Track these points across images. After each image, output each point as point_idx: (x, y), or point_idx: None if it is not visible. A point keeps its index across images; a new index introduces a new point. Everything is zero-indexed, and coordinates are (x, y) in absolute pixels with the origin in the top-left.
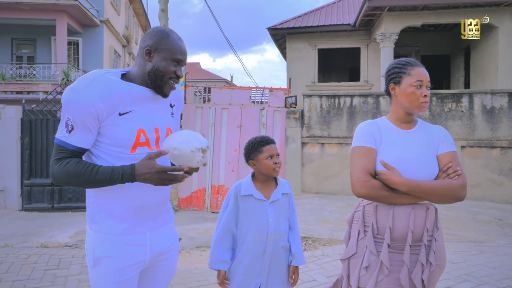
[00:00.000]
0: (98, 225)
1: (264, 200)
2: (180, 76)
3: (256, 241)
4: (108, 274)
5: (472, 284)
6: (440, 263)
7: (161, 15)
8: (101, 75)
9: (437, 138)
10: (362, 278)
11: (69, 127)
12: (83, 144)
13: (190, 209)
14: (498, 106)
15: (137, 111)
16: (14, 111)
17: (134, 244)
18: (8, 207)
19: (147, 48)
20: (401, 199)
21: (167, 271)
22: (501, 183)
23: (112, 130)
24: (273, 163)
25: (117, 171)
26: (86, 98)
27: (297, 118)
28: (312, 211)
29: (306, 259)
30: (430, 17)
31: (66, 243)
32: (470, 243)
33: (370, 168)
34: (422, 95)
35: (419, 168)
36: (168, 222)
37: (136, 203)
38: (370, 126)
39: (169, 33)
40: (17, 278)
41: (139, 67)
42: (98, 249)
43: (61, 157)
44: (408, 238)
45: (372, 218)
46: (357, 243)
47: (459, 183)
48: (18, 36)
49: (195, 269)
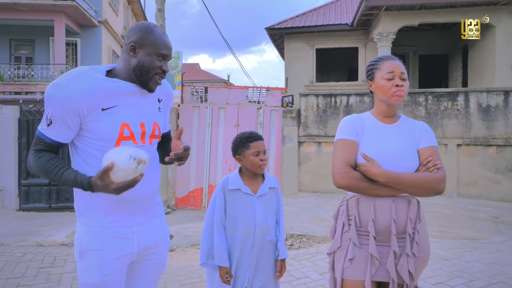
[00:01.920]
0: (85, 217)
1: (252, 194)
2: (166, 71)
3: (244, 235)
4: (94, 266)
5: (464, 280)
6: (423, 255)
7: (158, 15)
8: (84, 71)
9: (418, 133)
10: (346, 270)
11: (48, 121)
12: (60, 139)
13: (188, 209)
14: (494, 104)
15: (121, 106)
16: (11, 111)
17: (121, 237)
18: (5, 207)
19: (132, 44)
20: (381, 191)
21: (156, 265)
22: (497, 181)
23: (96, 125)
24: (259, 160)
25: (79, 180)
26: (67, 95)
27: (294, 117)
28: (308, 210)
29: (300, 256)
30: (428, 17)
31: (63, 242)
32: (464, 240)
33: (351, 160)
34: (393, 85)
35: (399, 160)
36: (157, 216)
37: (123, 196)
38: (353, 119)
39: (153, 28)
40: (11, 276)
41: (124, 62)
42: (85, 242)
43: (38, 149)
44: (392, 228)
45: (354, 211)
46: (342, 236)
47: (438, 176)
48: (16, 36)
49: (189, 267)
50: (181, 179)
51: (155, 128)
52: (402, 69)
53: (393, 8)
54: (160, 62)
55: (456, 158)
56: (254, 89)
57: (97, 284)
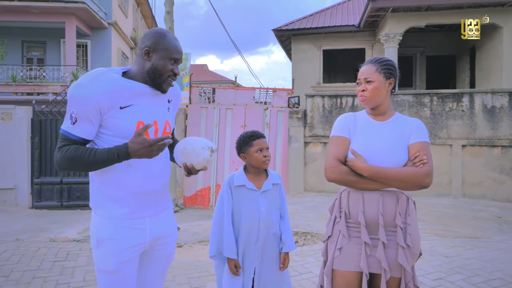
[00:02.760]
0: (101, 209)
1: (256, 190)
2: (177, 74)
3: (249, 229)
4: (110, 254)
5: (463, 276)
6: (413, 249)
7: (167, 18)
8: (103, 72)
9: (409, 129)
10: (336, 259)
11: (73, 119)
12: (85, 135)
13: (195, 207)
14: (499, 105)
15: (137, 105)
16: (24, 111)
17: (135, 228)
18: (18, 205)
19: (146, 48)
20: (368, 185)
21: (166, 255)
22: (502, 182)
23: (114, 123)
24: (262, 156)
25: (112, 151)
26: (89, 93)
27: (300, 118)
28: (313, 208)
29: (305, 253)
30: (434, 18)
31: (75, 238)
32: (465, 239)
33: (341, 155)
34: (360, 90)
35: (387, 156)
36: (167, 209)
37: (136, 189)
38: (346, 117)
39: (165, 34)
40: (27, 269)
41: (138, 65)
42: (101, 231)
43: (62, 145)
44: (380, 220)
45: (345, 204)
46: (333, 227)
47: (423, 171)
48: (28, 38)
49: (197, 262)
50: (189, 178)
51: (166, 126)
52: (365, 74)
53: (399, 9)
54: (172, 65)
55: (461, 159)
56: (261, 90)
57: (112, 270)
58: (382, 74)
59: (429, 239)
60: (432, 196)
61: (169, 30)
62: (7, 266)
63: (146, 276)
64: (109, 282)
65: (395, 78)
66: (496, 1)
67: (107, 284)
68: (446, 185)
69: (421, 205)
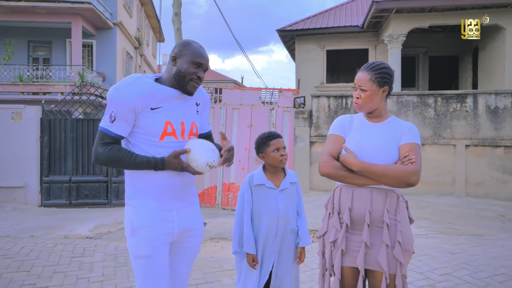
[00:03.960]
0: (133, 201)
1: (275, 189)
2: (201, 77)
3: (269, 225)
4: (144, 240)
5: (469, 272)
6: (406, 247)
7: (175, 19)
8: (138, 77)
9: (400, 131)
10: (333, 253)
11: (112, 118)
12: (122, 132)
13: (202, 206)
14: (502, 106)
15: (166, 107)
16: (34, 111)
17: (164, 219)
18: (28, 203)
19: (173, 55)
20: (357, 180)
21: (193, 248)
22: (505, 181)
23: (145, 122)
24: (279, 155)
25: (151, 162)
26: (126, 96)
27: (305, 118)
28: (320, 207)
29: (315, 249)
30: (437, 19)
31: (87, 235)
32: (470, 236)
33: (335, 152)
34: (355, 96)
35: (377, 154)
36: (194, 204)
37: (165, 183)
38: (343, 118)
39: (191, 43)
40: (46, 264)
41: (167, 72)
42: (135, 220)
43: (105, 142)
44: (366, 218)
45: (336, 200)
46: (328, 222)
47: (411, 169)
48: (34, 38)
49: (210, 258)
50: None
51: (193, 126)
52: (360, 82)
53: (403, 10)
54: (195, 69)
55: (464, 159)
56: (266, 91)
57: (147, 255)
58: (376, 83)
59: (435, 237)
60: (436, 195)
61: (177, 31)
62: (27, 261)
63: (174, 266)
64: (145, 266)
65: (389, 85)
66: (499, 2)
67: (144, 268)
68: (450, 185)
69: (425, 204)
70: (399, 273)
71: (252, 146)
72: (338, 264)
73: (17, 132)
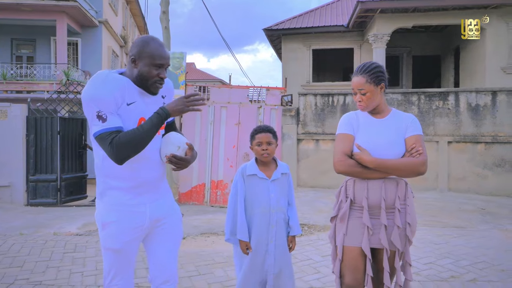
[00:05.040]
0: (106, 197)
1: (266, 179)
2: (164, 78)
3: (262, 214)
4: (114, 235)
5: (451, 260)
6: (413, 224)
7: (162, 17)
8: (109, 73)
9: (404, 124)
10: (344, 237)
11: (103, 117)
12: (120, 124)
13: (191, 203)
14: (483, 103)
15: (138, 102)
16: (20, 109)
17: (135, 211)
18: (14, 202)
19: (132, 57)
20: (372, 174)
21: (172, 231)
22: (485, 177)
23: (121, 118)
24: (261, 150)
25: (153, 115)
26: (106, 91)
27: (293, 115)
28: (308, 203)
29: (303, 243)
30: (421, 19)
31: (77, 233)
32: (452, 228)
33: (347, 150)
34: (357, 100)
35: (387, 149)
36: (165, 196)
37: (137, 180)
38: (350, 116)
39: (149, 42)
40: (39, 259)
41: (129, 71)
42: (106, 216)
43: (111, 138)
44: (382, 204)
45: (350, 191)
46: (339, 209)
47: (419, 160)
48: (18, 36)
49: (201, 252)
50: (184, 175)
51: None
52: (358, 86)
53: (387, 10)
54: (157, 70)
55: (447, 155)
56: (254, 89)
57: (117, 248)
58: (373, 83)
59: (419, 229)
60: (420, 190)
61: (165, 30)
62: (19, 257)
63: (155, 253)
64: (113, 258)
65: (385, 81)
66: (480, 4)
67: (112, 260)
68: (433, 180)
69: None
70: (408, 249)
71: (239, 144)
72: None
73: (2, 130)
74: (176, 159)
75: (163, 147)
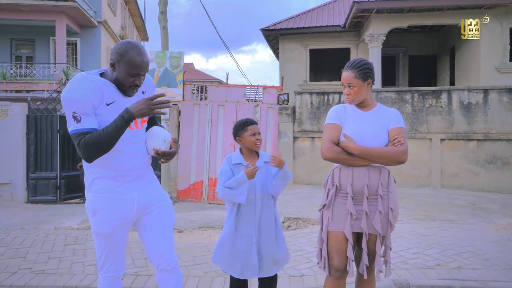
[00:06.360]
0: (95, 186)
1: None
2: (139, 85)
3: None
4: (104, 220)
5: (438, 250)
6: (395, 213)
7: (161, 17)
8: (86, 76)
9: (388, 117)
10: (330, 223)
11: (77, 118)
12: (93, 125)
13: (189, 201)
14: (475, 101)
15: (118, 101)
16: (20, 108)
17: (124, 199)
18: (14, 200)
19: (111, 61)
20: (357, 161)
21: (163, 215)
22: (477, 173)
23: (101, 119)
24: (255, 139)
25: (118, 118)
26: (80, 94)
27: (289, 114)
28: (303, 198)
29: (297, 235)
30: (416, 19)
31: (77, 228)
32: (442, 221)
33: (334, 138)
34: (345, 93)
35: (372, 138)
36: (151, 183)
37: (123, 169)
38: (338, 108)
39: (128, 50)
40: (41, 251)
41: (110, 73)
42: (96, 203)
43: (79, 139)
44: (365, 191)
45: (336, 178)
46: (327, 198)
47: (401, 150)
48: (17, 36)
49: (198, 244)
50: (182, 172)
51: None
52: (348, 80)
53: (383, 11)
54: (133, 78)
55: (440, 152)
56: (251, 88)
57: (107, 233)
58: (361, 79)
59: (409, 222)
60: (413, 187)
61: (163, 30)
62: (21, 249)
63: (148, 238)
64: (104, 243)
65: (372, 77)
66: (474, 4)
67: (104, 244)
68: (426, 177)
69: (402, 195)
70: (389, 234)
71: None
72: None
73: (2, 129)
74: (165, 153)
75: (149, 140)
